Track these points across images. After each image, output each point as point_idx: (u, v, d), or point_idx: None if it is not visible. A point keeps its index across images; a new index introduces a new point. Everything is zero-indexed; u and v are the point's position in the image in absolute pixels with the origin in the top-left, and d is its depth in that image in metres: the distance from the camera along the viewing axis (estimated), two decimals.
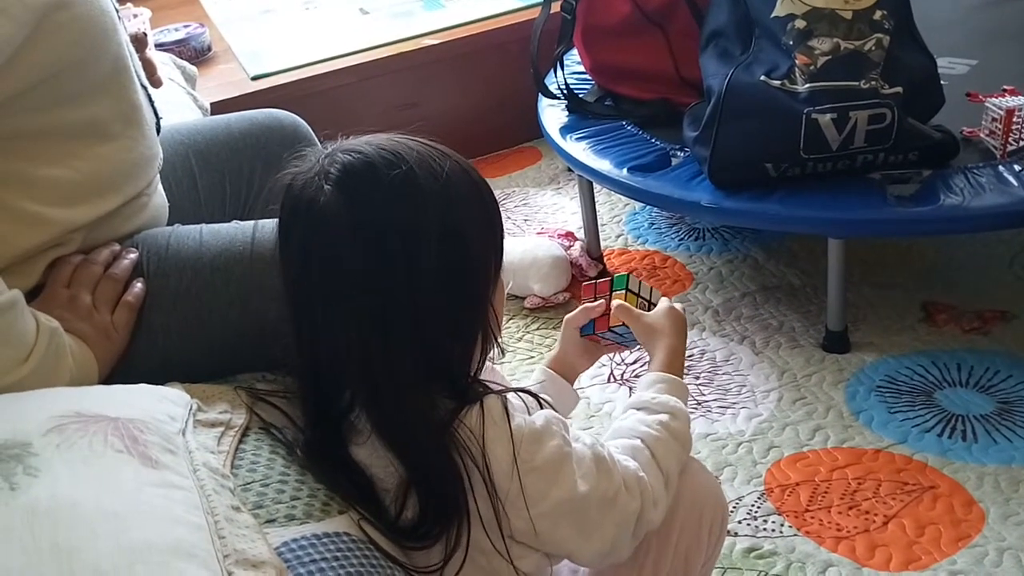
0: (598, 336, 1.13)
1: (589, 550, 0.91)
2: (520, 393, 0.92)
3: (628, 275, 1.14)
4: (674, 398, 1.02)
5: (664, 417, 0.99)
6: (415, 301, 0.85)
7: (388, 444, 0.87)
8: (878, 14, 1.59)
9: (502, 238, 0.93)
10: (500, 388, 0.92)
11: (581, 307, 1.14)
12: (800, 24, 1.58)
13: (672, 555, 1.01)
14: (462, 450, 0.85)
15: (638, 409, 1.02)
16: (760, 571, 1.37)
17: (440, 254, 0.85)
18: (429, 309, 0.85)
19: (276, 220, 0.91)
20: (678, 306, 1.11)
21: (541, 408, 0.92)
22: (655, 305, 1.13)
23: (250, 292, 1.07)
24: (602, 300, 1.12)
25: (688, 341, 1.80)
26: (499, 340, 0.94)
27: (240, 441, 0.87)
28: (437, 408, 0.87)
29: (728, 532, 1.41)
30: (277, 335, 0.91)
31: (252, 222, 1.14)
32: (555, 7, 2.00)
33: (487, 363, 0.96)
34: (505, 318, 1.96)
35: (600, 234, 2.15)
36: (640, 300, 1.13)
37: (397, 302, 0.84)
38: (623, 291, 1.12)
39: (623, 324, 1.09)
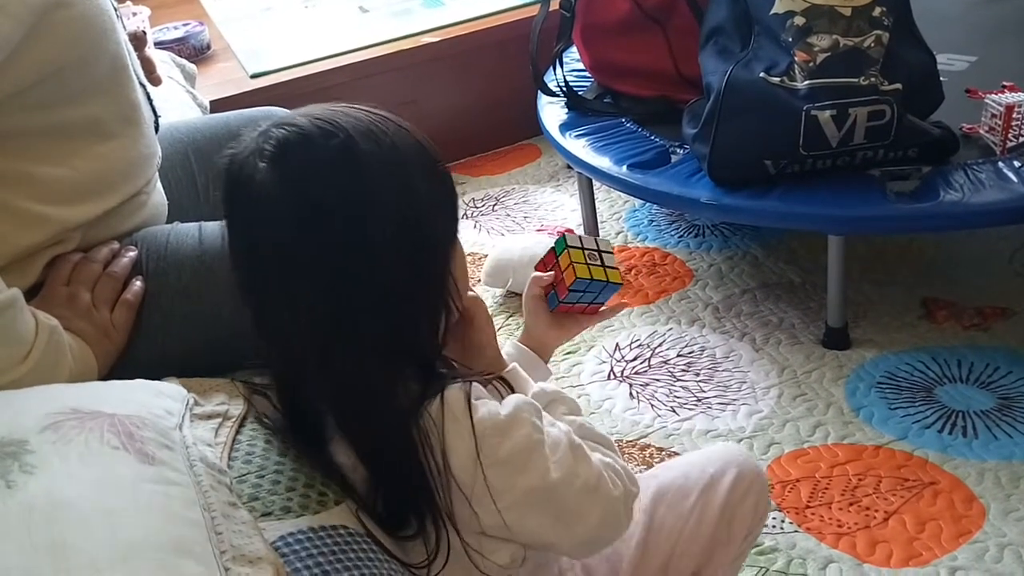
0: (565, 304, 1.07)
1: (571, 539, 0.88)
2: (493, 380, 0.89)
3: (564, 235, 1.07)
4: (535, 382, 0.96)
5: (557, 408, 0.94)
6: (367, 277, 0.80)
7: (349, 438, 0.84)
8: (877, 11, 1.59)
9: (454, 195, 0.87)
10: (467, 373, 0.88)
11: (530, 280, 1.07)
12: (799, 21, 1.58)
13: (717, 518, 1.03)
14: (424, 446, 0.82)
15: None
16: (761, 567, 1.37)
17: (390, 224, 0.80)
18: (382, 283, 0.80)
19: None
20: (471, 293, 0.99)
21: (512, 392, 0.89)
22: (608, 253, 1.08)
23: None
24: (551, 272, 1.07)
25: (688, 338, 1.82)
26: (460, 309, 0.89)
27: (237, 432, 0.86)
28: (400, 397, 0.83)
29: None
30: None
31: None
32: (554, 5, 2.00)
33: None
34: (505, 315, 1.97)
35: (600, 231, 2.15)
36: (588, 252, 1.07)
37: (347, 279, 0.80)
38: (566, 252, 1.06)
39: (577, 278, 1.04)
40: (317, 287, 0.80)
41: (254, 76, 2.35)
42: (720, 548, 1.05)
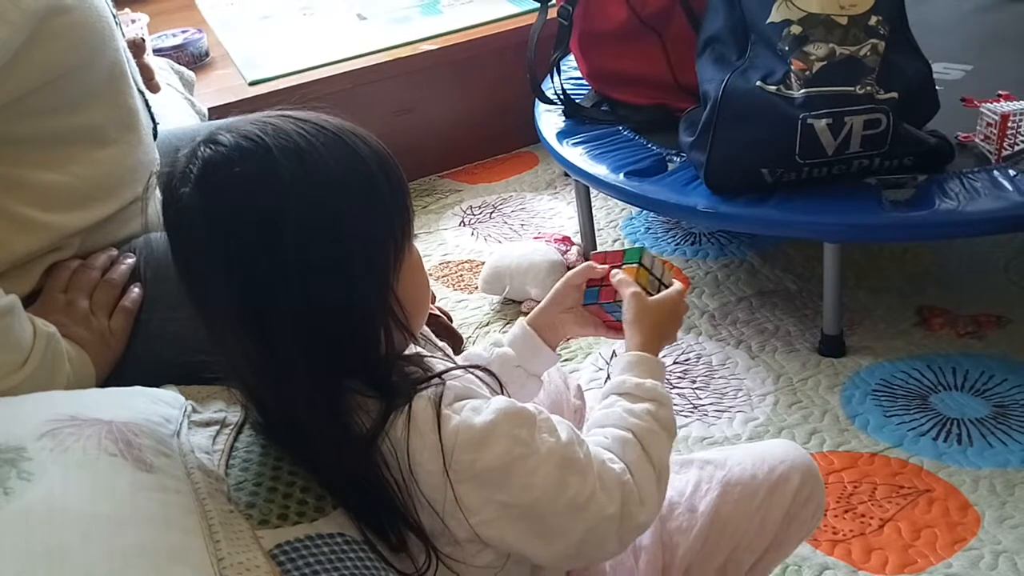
0: (601, 307, 1.01)
1: (549, 554, 0.84)
2: (478, 372, 0.86)
3: (643, 248, 1.02)
4: (654, 381, 0.93)
5: (651, 406, 0.91)
6: (289, 301, 0.77)
7: (299, 460, 0.83)
8: (873, 20, 1.59)
9: (401, 211, 0.82)
10: (448, 368, 0.84)
11: (583, 266, 1.03)
12: (796, 30, 1.59)
13: (781, 520, 1.02)
14: (386, 466, 0.79)
15: (621, 395, 0.93)
16: None
17: (309, 245, 0.77)
18: (311, 306, 0.78)
19: None
20: (681, 289, 1.01)
21: (502, 390, 0.87)
22: (666, 288, 1.02)
23: None
24: (607, 268, 1.01)
25: (684, 345, 1.82)
26: (410, 328, 0.84)
27: (235, 439, 0.86)
28: (356, 419, 0.80)
29: None
30: None
31: None
32: (552, 13, 2.01)
33: None
34: (502, 322, 1.97)
35: (597, 239, 2.15)
36: (652, 279, 1.01)
37: (270, 302, 0.77)
38: (635, 265, 1.00)
39: None
40: (243, 310, 0.79)
41: (252, 83, 2.36)
42: (777, 547, 1.05)
